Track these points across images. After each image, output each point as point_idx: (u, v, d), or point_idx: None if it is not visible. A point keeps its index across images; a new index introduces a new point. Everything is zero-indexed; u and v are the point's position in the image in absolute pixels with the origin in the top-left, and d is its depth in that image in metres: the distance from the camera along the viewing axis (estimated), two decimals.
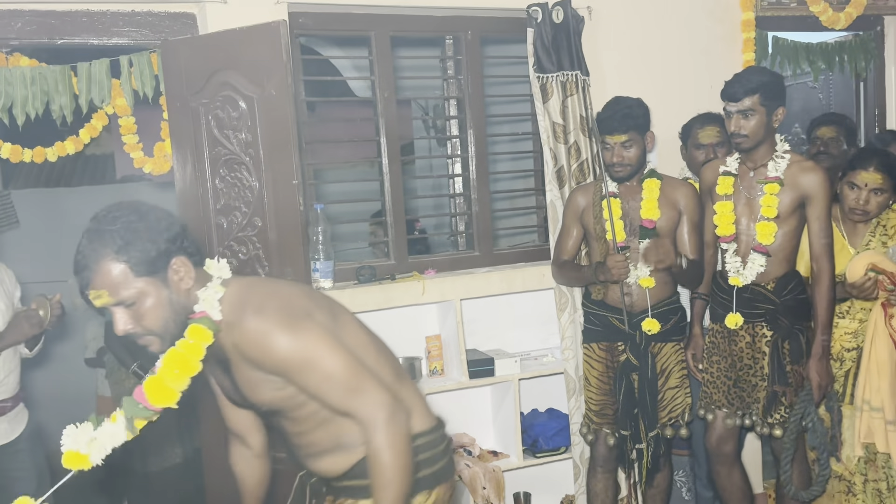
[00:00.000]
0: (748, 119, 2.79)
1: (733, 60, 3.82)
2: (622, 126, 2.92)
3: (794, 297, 2.89)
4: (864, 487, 3.00)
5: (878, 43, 4.39)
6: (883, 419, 2.89)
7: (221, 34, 2.89)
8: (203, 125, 2.90)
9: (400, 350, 3.40)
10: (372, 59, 3.41)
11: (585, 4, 3.55)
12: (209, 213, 2.92)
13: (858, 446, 2.96)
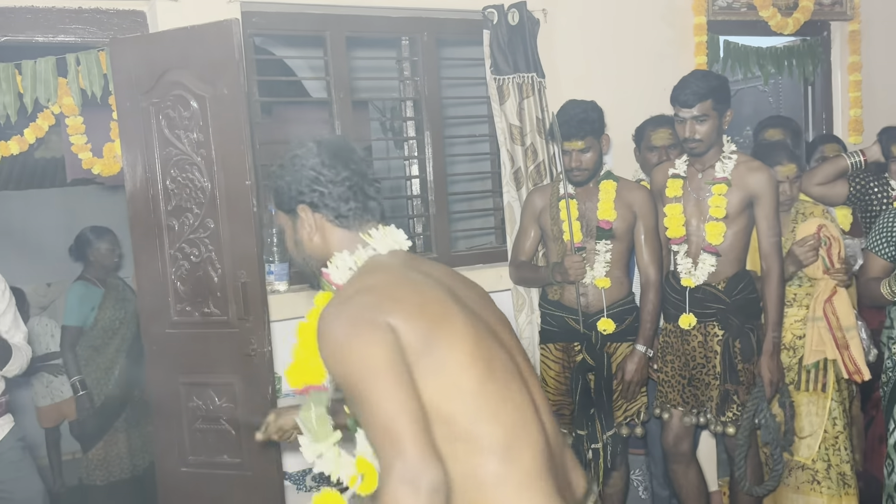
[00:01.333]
0: (702, 124, 2.83)
1: (685, 64, 3.88)
2: (579, 132, 2.93)
3: (745, 296, 2.94)
4: (829, 473, 3.07)
5: (825, 48, 4.50)
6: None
7: (172, 32, 2.83)
8: (153, 125, 2.84)
9: None
10: (327, 60, 3.38)
11: (541, 7, 3.57)
12: (160, 215, 2.86)
13: (810, 355, 3.03)
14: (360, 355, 1.36)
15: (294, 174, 1.59)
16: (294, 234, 1.63)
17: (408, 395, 1.35)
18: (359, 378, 1.36)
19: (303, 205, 1.58)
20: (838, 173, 3.30)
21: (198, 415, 2.88)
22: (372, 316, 1.39)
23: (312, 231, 1.59)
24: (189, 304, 2.86)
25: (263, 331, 2.77)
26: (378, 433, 1.33)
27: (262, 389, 2.80)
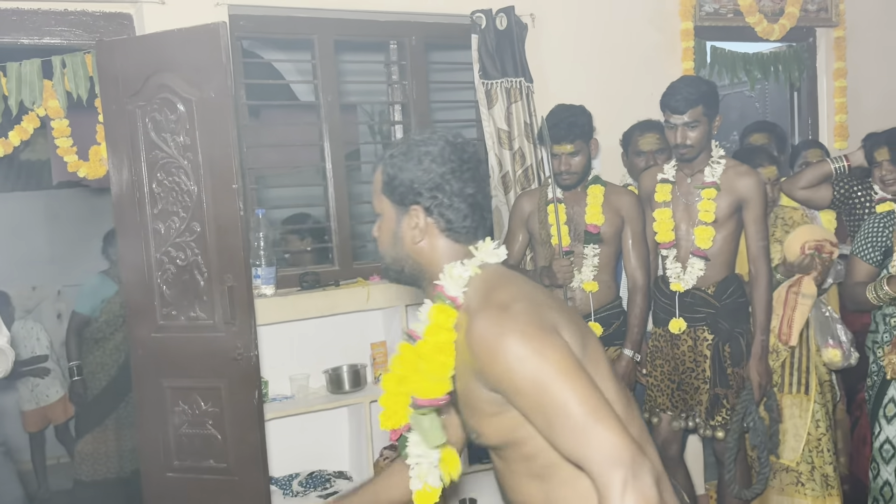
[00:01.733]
0: (693, 130, 2.85)
1: (673, 69, 3.90)
2: (569, 136, 2.94)
3: (734, 300, 2.95)
4: (812, 475, 3.09)
5: (811, 54, 4.53)
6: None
7: (159, 35, 2.82)
8: (140, 128, 2.82)
9: (345, 357, 3.38)
10: (315, 63, 3.37)
11: (529, 12, 3.58)
12: (146, 218, 2.84)
13: (794, 335, 3.08)
14: (548, 360, 1.30)
15: (419, 172, 1.47)
16: (395, 228, 1.51)
17: (601, 394, 1.31)
18: (550, 383, 1.28)
19: (417, 206, 1.48)
20: (822, 177, 3.32)
21: (183, 419, 2.86)
22: (542, 323, 1.35)
23: (418, 235, 1.49)
24: (175, 307, 2.85)
25: (250, 335, 2.76)
26: (587, 445, 1.26)
27: (249, 394, 2.78)
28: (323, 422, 3.37)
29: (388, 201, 1.51)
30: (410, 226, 1.49)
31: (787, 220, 3.22)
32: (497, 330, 1.33)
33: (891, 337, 2.74)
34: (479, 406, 1.42)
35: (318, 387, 3.35)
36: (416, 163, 1.47)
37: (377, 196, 1.54)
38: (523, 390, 1.31)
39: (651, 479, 1.26)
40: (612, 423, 1.27)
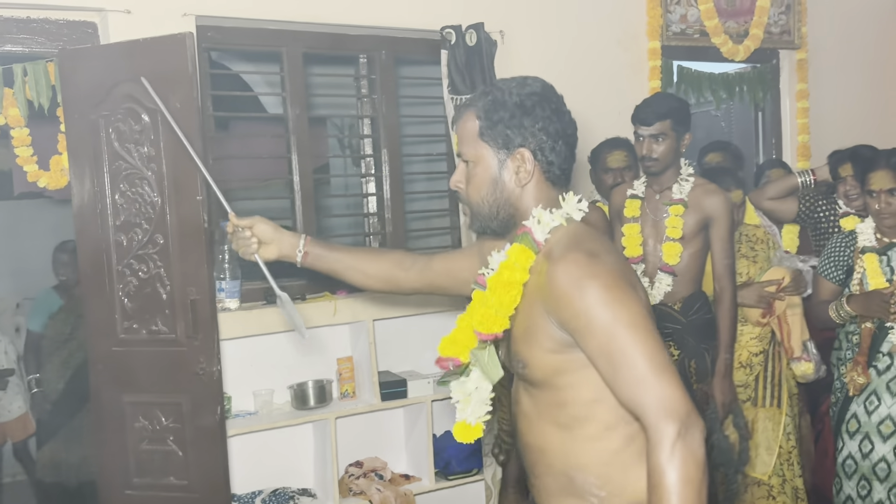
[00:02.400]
0: (659, 143, 2.87)
1: (640, 87, 3.94)
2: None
3: (701, 316, 2.97)
4: (783, 488, 3.11)
5: (774, 75, 4.62)
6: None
7: (124, 44, 2.78)
8: (103, 138, 2.77)
9: (310, 373, 3.34)
10: (283, 76, 3.36)
11: (498, 28, 3.60)
12: (108, 230, 2.78)
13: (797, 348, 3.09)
14: (625, 310, 1.36)
15: (528, 115, 1.50)
16: (496, 173, 1.52)
17: (667, 353, 1.38)
18: (623, 331, 1.35)
19: (525, 149, 1.51)
20: (789, 190, 3.39)
21: (143, 435, 2.80)
22: (628, 278, 1.43)
23: (526, 178, 1.52)
24: (136, 321, 2.79)
25: (213, 349, 2.72)
26: (646, 396, 1.34)
27: (211, 409, 2.73)
28: (287, 438, 3.33)
29: (489, 146, 1.52)
30: (516, 171, 1.52)
31: (750, 236, 3.26)
32: (585, 272, 1.39)
33: (853, 354, 2.78)
34: (540, 340, 1.46)
35: (283, 402, 3.31)
36: (527, 107, 1.50)
37: (470, 143, 1.54)
38: (597, 333, 1.37)
39: (701, 438, 1.33)
40: (674, 380, 1.34)
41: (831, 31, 4.67)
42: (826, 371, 3.16)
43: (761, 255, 3.25)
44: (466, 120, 1.55)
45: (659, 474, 1.31)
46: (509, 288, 1.48)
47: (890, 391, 2.72)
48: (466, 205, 1.59)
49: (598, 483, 1.49)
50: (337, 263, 1.89)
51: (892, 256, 2.76)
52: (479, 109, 1.53)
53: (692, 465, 1.31)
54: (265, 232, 1.85)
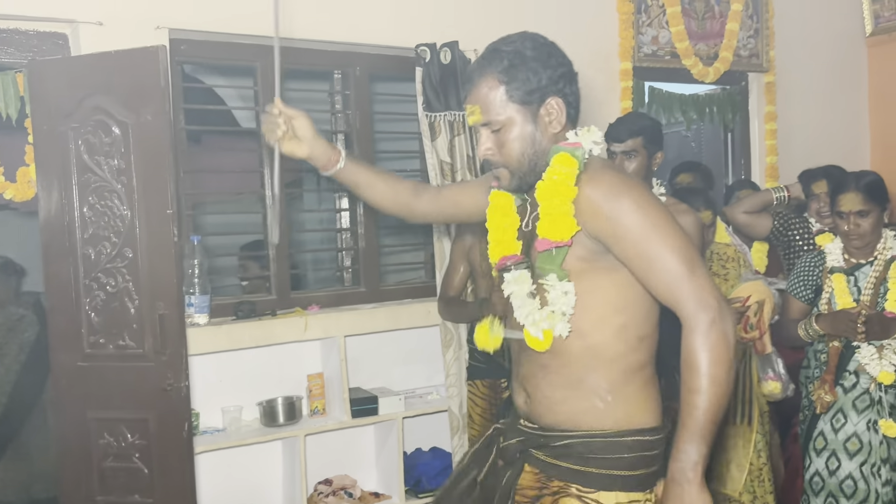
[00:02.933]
0: (631, 160, 2.90)
1: (612, 107, 3.99)
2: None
3: (674, 333, 2.98)
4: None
5: (743, 97, 4.70)
6: None
7: (95, 56, 2.76)
8: (72, 150, 2.74)
9: (280, 389, 3.31)
10: (257, 90, 3.35)
11: (473, 47, 3.62)
12: (76, 243, 2.74)
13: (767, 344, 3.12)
14: (660, 217, 1.49)
15: (547, 65, 1.57)
16: (531, 129, 1.58)
17: (700, 256, 1.50)
18: (659, 233, 1.47)
19: (553, 98, 1.57)
20: (764, 205, 3.42)
21: (108, 452, 2.75)
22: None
23: (557, 124, 1.59)
24: (103, 336, 2.75)
25: (181, 365, 2.68)
26: (682, 289, 1.47)
27: (178, 426, 2.69)
28: (255, 456, 3.29)
29: (517, 105, 1.56)
30: (547, 121, 1.58)
31: (721, 255, 3.30)
32: (619, 185, 1.51)
33: (821, 372, 2.82)
34: (572, 248, 1.55)
35: (252, 419, 3.27)
36: (546, 60, 1.57)
37: (498, 108, 1.57)
38: (632, 235, 1.48)
39: (732, 325, 1.46)
40: (706, 274, 1.48)
41: (798, 55, 4.77)
42: (794, 390, 3.20)
43: (732, 273, 3.29)
44: (488, 87, 1.57)
45: (693, 355, 1.45)
46: (564, 189, 1.53)
47: (856, 409, 2.75)
48: (503, 168, 1.61)
49: (607, 387, 1.59)
50: (359, 177, 1.90)
51: (860, 277, 2.81)
52: (499, 73, 1.56)
53: (723, 347, 1.44)
54: (305, 128, 1.84)
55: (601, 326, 1.58)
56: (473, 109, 1.60)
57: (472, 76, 1.61)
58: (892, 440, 2.70)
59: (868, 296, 2.76)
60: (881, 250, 2.79)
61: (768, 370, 3.17)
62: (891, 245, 2.80)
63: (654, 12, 4.25)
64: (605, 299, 1.57)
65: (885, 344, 2.70)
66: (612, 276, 1.56)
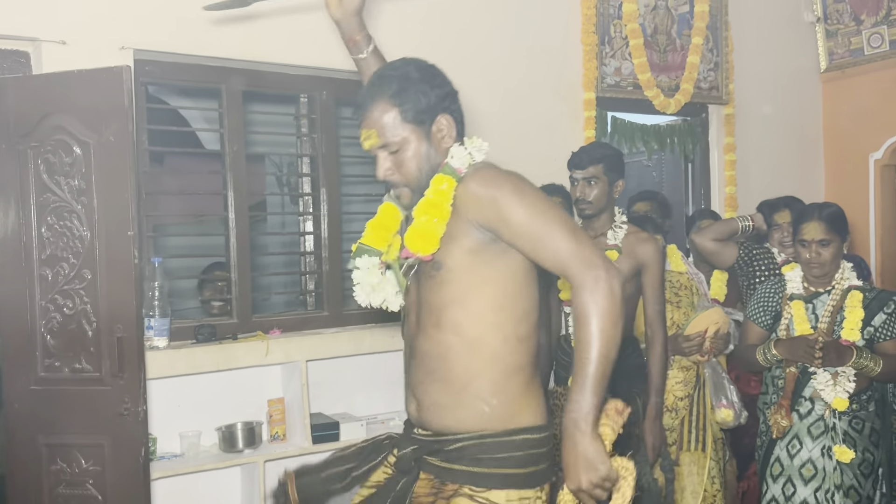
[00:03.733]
0: (592, 187, 2.95)
1: (576, 136, 4.05)
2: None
3: (632, 360, 3.02)
4: None
5: (703, 128, 4.81)
6: None
7: (57, 75, 2.73)
8: (31, 170, 2.70)
9: (240, 414, 3.26)
10: (222, 112, 3.33)
11: None
12: (32, 264, 2.69)
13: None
14: (536, 194, 1.62)
15: (433, 84, 1.69)
16: (426, 146, 1.69)
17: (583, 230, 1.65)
18: (542, 212, 1.59)
19: (442, 115, 1.70)
20: (731, 233, 3.46)
21: (61, 479, 2.68)
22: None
23: (450, 140, 1.71)
24: (59, 359, 2.69)
25: (139, 389, 2.63)
26: (568, 254, 1.57)
27: (135, 451, 2.64)
28: (214, 481, 3.23)
29: (411, 126, 1.68)
30: (439, 137, 1.70)
31: (674, 282, 3.35)
32: (501, 173, 1.65)
33: (778, 398, 2.86)
34: (459, 241, 1.65)
35: (210, 444, 3.22)
36: (433, 81, 1.70)
37: (393, 130, 1.68)
38: (517, 216, 1.59)
39: (618, 282, 1.55)
40: (590, 242, 1.60)
41: (757, 89, 4.90)
42: (746, 417, 3.24)
43: (685, 300, 3.34)
44: (381, 111, 1.67)
45: (582, 309, 1.54)
46: (439, 208, 1.64)
47: (811, 435, 2.80)
48: (403, 187, 1.71)
49: (490, 390, 1.67)
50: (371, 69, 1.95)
51: (818, 305, 2.87)
52: (391, 97, 1.67)
53: (610, 301, 1.53)
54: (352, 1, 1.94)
55: (481, 323, 1.66)
56: (369, 134, 1.69)
57: (363, 102, 1.70)
58: (845, 466, 2.74)
59: (825, 323, 2.82)
60: (839, 280, 2.86)
61: (721, 398, 3.21)
62: (848, 276, 2.87)
63: (618, 44, 4.34)
64: (486, 296, 1.66)
65: (839, 371, 2.76)
66: (498, 269, 1.66)
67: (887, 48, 4.92)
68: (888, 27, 4.91)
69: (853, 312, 2.79)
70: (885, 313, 2.80)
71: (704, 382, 3.26)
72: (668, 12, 4.53)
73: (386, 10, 3.58)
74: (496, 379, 1.67)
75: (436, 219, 1.64)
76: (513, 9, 4.00)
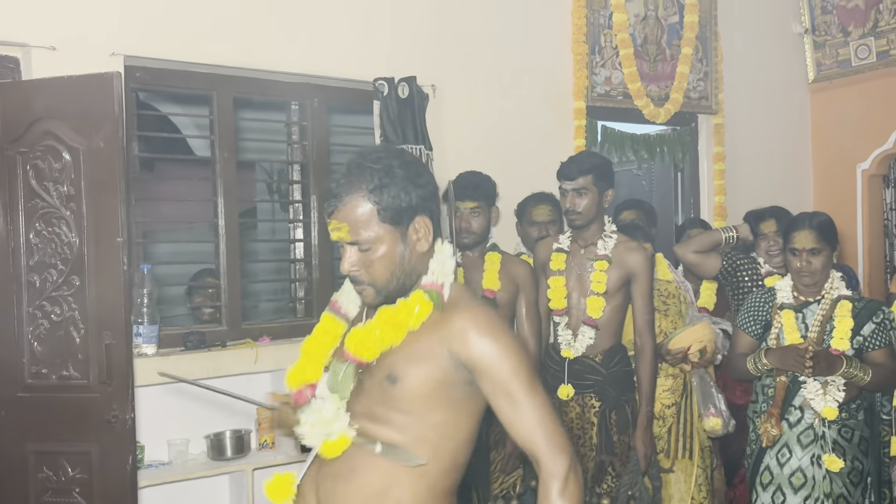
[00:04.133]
0: (582, 197, 2.96)
1: (566, 145, 4.07)
2: (473, 194, 3.01)
3: (621, 368, 3.03)
4: None
5: (693, 138, 4.83)
6: None
7: (47, 81, 2.72)
8: (20, 175, 2.68)
9: (228, 422, 3.24)
10: (213, 119, 3.33)
11: (430, 82, 3.67)
12: (20, 270, 2.68)
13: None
14: (525, 363, 1.54)
15: (416, 184, 1.54)
16: (401, 248, 1.54)
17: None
18: (524, 378, 1.51)
19: (421, 216, 1.55)
20: (713, 244, 3.47)
21: (47, 487, 2.66)
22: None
23: (425, 242, 1.56)
24: (46, 366, 2.67)
25: (126, 396, 2.62)
26: (544, 434, 1.51)
27: (122, 459, 2.62)
28: (202, 490, 3.21)
29: (389, 226, 1.53)
30: (416, 239, 1.56)
31: (662, 291, 3.35)
32: (495, 322, 1.55)
33: (768, 406, 2.87)
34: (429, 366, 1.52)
35: (199, 452, 3.20)
36: (413, 180, 1.54)
37: (367, 227, 1.52)
38: (501, 375, 1.50)
39: (581, 480, 1.52)
40: (560, 425, 1.54)
41: (746, 99, 4.93)
42: (735, 426, 3.25)
43: (672, 308, 3.35)
44: (356, 206, 1.51)
45: (551, 500, 1.49)
46: (399, 330, 1.53)
47: (801, 444, 2.81)
48: (368, 286, 1.55)
49: (411, 502, 1.53)
50: None
51: (807, 314, 2.88)
52: (370, 192, 1.51)
53: (579, 494, 1.50)
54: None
55: (420, 440, 1.53)
56: (340, 227, 1.52)
57: (339, 192, 1.52)
58: (834, 475, 2.75)
59: (815, 333, 2.83)
60: (828, 290, 2.87)
61: (710, 406, 3.22)
62: (837, 285, 2.88)
63: (608, 54, 4.36)
64: (435, 421, 1.54)
65: (829, 380, 2.77)
66: (457, 404, 1.55)
67: (874, 59, 4.97)
68: (875, 39, 4.95)
69: (842, 322, 2.80)
70: (874, 323, 2.81)
71: (692, 391, 3.27)
72: (657, 22, 4.56)
73: (388, 13, 3.60)
74: (421, 495, 1.53)
75: (388, 338, 1.53)
76: (503, 17, 4.01)
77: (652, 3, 4.53)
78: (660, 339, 3.23)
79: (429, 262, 1.58)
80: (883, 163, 5.03)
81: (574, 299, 3.04)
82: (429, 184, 1.57)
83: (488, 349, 1.50)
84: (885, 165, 5.05)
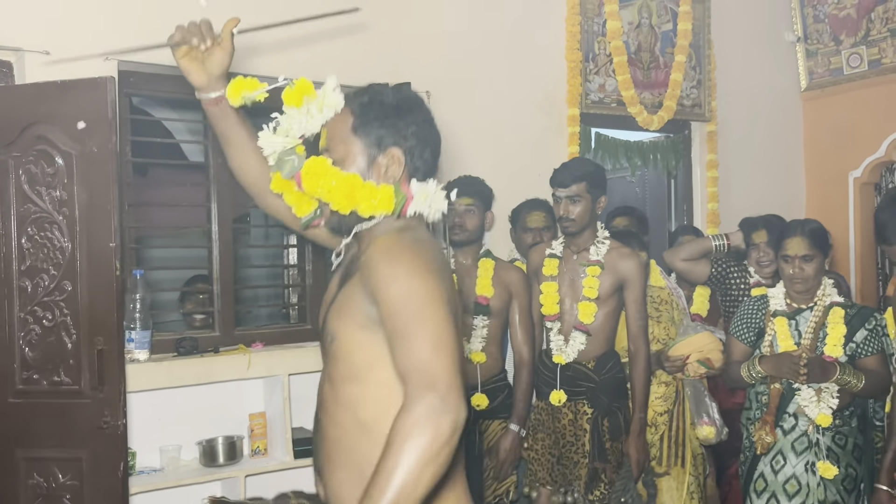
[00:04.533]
0: (575, 204, 2.96)
1: (559, 151, 4.07)
2: (468, 190, 3.02)
3: (613, 375, 3.03)
4: None
5: (686, 145, 4.85)
6: None
7: (39, 85, 2.71)
8: (12, 180, 2.67)
9: (221, 428, 3.23)
10: (206, 124, 3.32)
11: (425, 89, 3.66)
12: (12, 275, 2.66)
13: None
14: (424, 287, 1.38)
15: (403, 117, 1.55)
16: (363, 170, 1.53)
17: (455, 338, 1.38)
18: (420, 305, 1.36)
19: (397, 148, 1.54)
20: (703, 252, 3.49)
21: (38, 493, 2.64)
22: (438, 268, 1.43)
23: (392, 177, 1.53)
24: (38, 371, 2.66)
25: (118, 402, 2.60)
26: (416, 363, 1.33)
27: (114, 465, 2.60)
28: (194, 496, 3.18)
29: (360, 142, 1.53)
30: (384, 168, 1.53)
31: (654, 297, 3.36)
32: (396, 249, 1.43)
33: (762, 413, 2.87)
34: (352, 312, 1.47)
35: (191, 459, 3.18)
36: (402, 111, 1.54)
37: (341, 138, 1.53)
38: (390, 302, 1.38)
39: (452, 420, 1.29)
40: (450, 360, 1.34)
41: (739, 107, 4.95)
42: (727, 434, 3.25)
43: (665, 315, 3.36)
44: (341, 116, 1.55)
45: (396, 429, 1.28)
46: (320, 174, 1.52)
47: (795, 451, 2.81)
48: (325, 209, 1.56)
49: None
50: (233, 131, 1.83)
51: (800, 321, 2.89)
52: (354, 105, 1.55)
53: (431, 440, 1.27)
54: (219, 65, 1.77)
55: (375, 405, 1.46)
56: (323, 133, 1.58)
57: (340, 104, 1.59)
58: (829, 482, 2.76)
59: (808, 340, 2.84)
60: (821, 297, 2.89)
61: (703, 415, 3.22)
62: (829, 292, 2.90)
63: (602, 61, 4.37)
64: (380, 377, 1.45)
65: (823, 387, 2.78)
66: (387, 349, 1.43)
67: (866, 68, 5.00)
68: (867, 47, 4.99)
69: (835, 329, 2.81)
70: (867, 329, 2.82)
71: (684, 398, 3.28)
72: (651, 30, 4.58)
73: (383, 19, 3.60)
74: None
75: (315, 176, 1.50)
76: (497, 24, 4.02)
77: (646, 11, 4.55)
78: (653, 345, 3.23)
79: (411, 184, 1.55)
80: (875, 171, 5.06)
81: (566, 305, 3.05)
82: (416, 123, 1.55)
83: (378, 275, 1.40)
84: (877, 173, 5.08)
